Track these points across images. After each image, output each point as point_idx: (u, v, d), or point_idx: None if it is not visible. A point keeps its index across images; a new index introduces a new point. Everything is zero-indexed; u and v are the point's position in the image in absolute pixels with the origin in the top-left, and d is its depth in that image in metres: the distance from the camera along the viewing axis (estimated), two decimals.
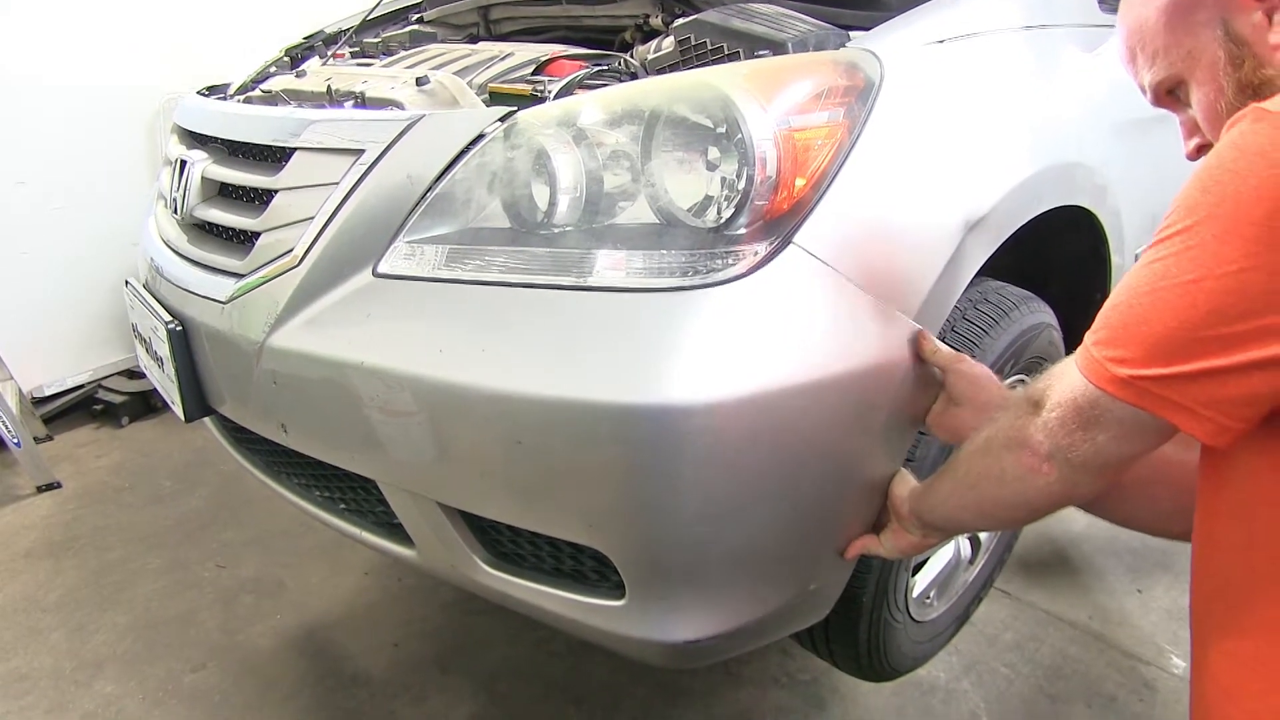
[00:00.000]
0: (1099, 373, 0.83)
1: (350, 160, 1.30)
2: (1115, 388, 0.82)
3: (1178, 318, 0.77)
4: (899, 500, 1.23)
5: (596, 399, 1.03)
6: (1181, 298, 0.76)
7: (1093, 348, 0.85)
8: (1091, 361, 0.84)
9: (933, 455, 1.39)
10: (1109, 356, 0.82)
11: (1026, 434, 0.95)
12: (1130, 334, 0.81)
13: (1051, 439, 0.92)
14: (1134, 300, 0.81)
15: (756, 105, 1.09)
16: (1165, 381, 0.78)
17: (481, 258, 1.20)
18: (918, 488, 1.22)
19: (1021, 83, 1.46)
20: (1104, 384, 0.83)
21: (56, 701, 1.95)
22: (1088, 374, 0.85)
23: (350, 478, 1.39)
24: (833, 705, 1.87)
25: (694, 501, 1.08)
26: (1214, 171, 0.76)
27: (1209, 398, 0.77)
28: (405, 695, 1.93)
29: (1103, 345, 0.83)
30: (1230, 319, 0.74)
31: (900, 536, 1.24)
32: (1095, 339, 0.85)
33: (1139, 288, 0.81)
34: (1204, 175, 0.77)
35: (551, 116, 1.20)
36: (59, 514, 2.73)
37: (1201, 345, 0.76)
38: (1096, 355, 0.84)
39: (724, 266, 1.08)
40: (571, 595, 1.22)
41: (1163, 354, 0.78)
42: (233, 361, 1.42)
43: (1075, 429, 0.89)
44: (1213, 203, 0.75)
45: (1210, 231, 0.75)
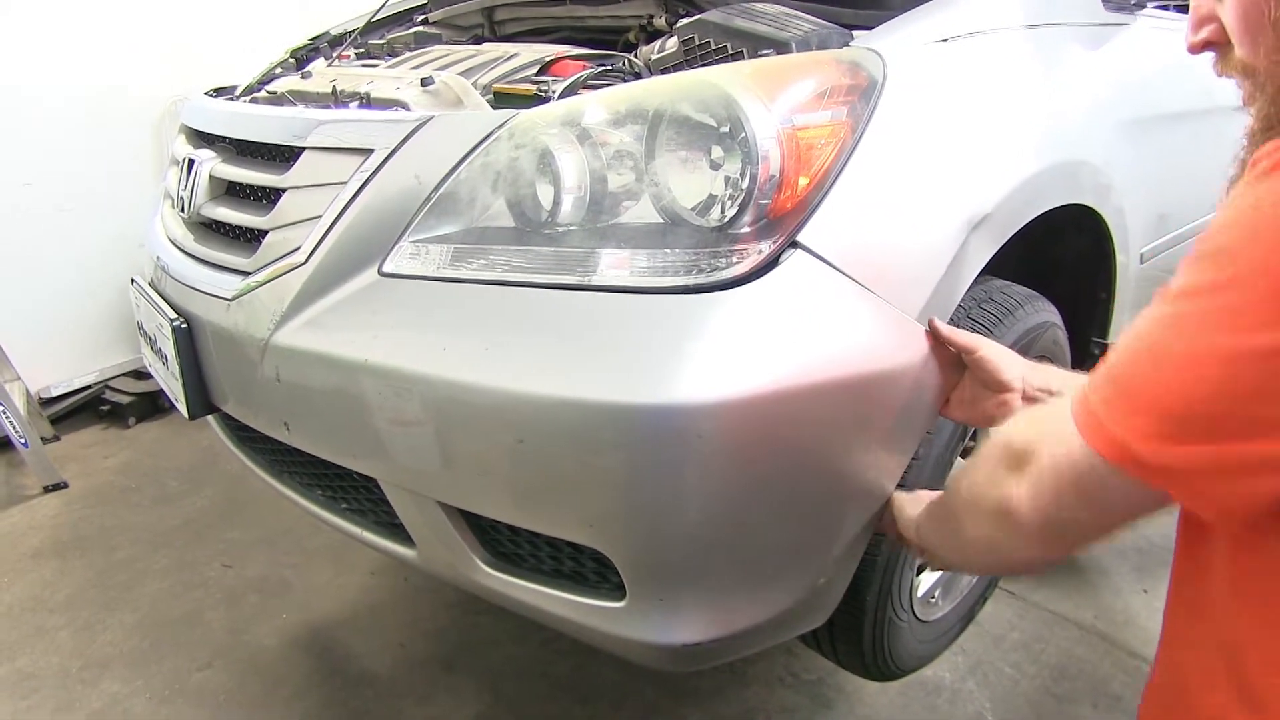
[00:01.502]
0: (1105, 440, 0.71)
1: (358, 160, 1.31)
2: (1124, 460, 0.70)
3: (1211, 388, 0.64)
4: (906, 526, 1.21)
5: (599, 399, 1.03)
6: (1218, 365, 0.64)
7: (1099, 406, 0.72)
8: (1096, 425, 0.72)
9: (935, 455, 1.39)
10: (1120, 422, 0.70)
11: (1011, 505, 0.82)
12: (1149, 399, 0.69)
13: (1041, 513, 0.80)
14: (1155, 358, 0.69)
15: (760, 104, 1.09)
16: (1188, 461, 0.67)
17: (486, 257, 1.20)
18: (921, 516, 1.18)
19: (1025, 81, 1.46)
20: (1111, 454, 0.71)
21: (63, 701, 1.95)
22: (1091, 438, 0.72)
23: (352, 477, 1.39)
24: (838, 704, 1.87)
25: (697, 503, 1.07)
26: (1264, 216, 0.63)
27: (1233, 484, 0.67)
28: (412, 695, 1.93)
29: (1112, 406, 0.71)
30: (1274, 399, 0.62)
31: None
32: (1101, 396, 0.72)
33: (1160, 343, 0.69)
34: (1247, 217, 0.65)
35: (555, 116, 1.21)
36: (66, 514, 2.74)
37: (1237, 424, 0.64)
38: (1103, 417, 0.71)
39: (727, 265, 1.08)
40: (571, 596, 1.22)
41: (1189, 430, 0.66)
42: (237, 359, 1.42)
43: (1070, 503, 0.77)
44: (1259, 257, 0.62)
45: (1255, 290, 0.62)
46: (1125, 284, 1.80)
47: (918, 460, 1.35)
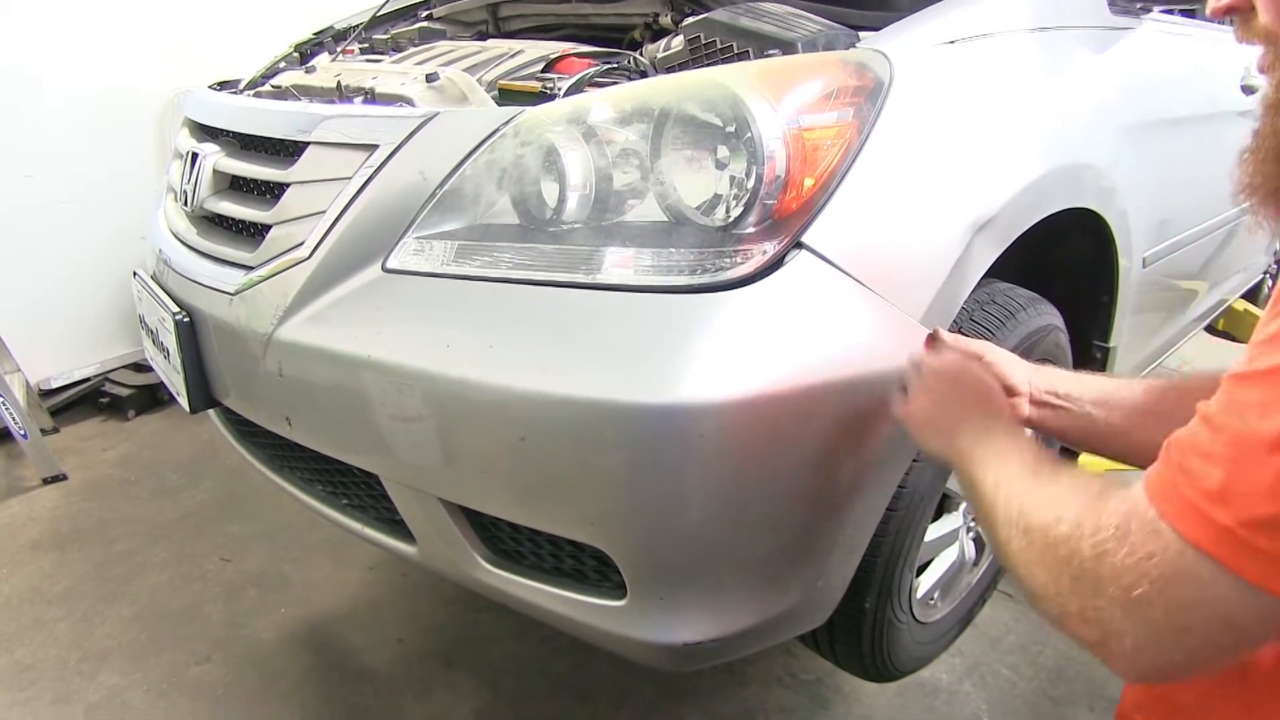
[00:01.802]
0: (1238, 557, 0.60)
1: (364, 155, 1.31)
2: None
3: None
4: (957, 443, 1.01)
5: (601, 397, 1.03)
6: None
7: (1247, 530, 0.59)
8: (1262, 557, 0.59)
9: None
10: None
11: (1109, 645, 0.68)
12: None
13: (1155, 645, 0.66)
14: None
15: (766, 104, 1.09)
16: None
17: (490, 254, 1.20)
18: (983, 458, 0.94)
19: (1031, 84, 1.46)
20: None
21: (61, 693, 1.95)
22: (1256, 574, 0.60)
23: (353, 473, 1.39)
24: (836, 705, 1.87)
25: (698, 503, 1.08)
26: None
27: None
28: (410, 691, 1.93)
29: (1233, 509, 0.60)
30: None
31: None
32: (1240, 513, 0.60)
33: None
34: None
35: (561, 114, 1.21)
36: (65, 506, 2.73)
37: None
38: (1264, 546, 0.59)
39: (732, 265, 1.08)
40: (571, 594, 1.22)
41: None
42: (239, 353, 1.42)
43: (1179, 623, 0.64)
44: None
45: None
46: (1127, 287, 1.80)
47: (918, 462, 1.35)
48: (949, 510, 1.67)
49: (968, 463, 0.95)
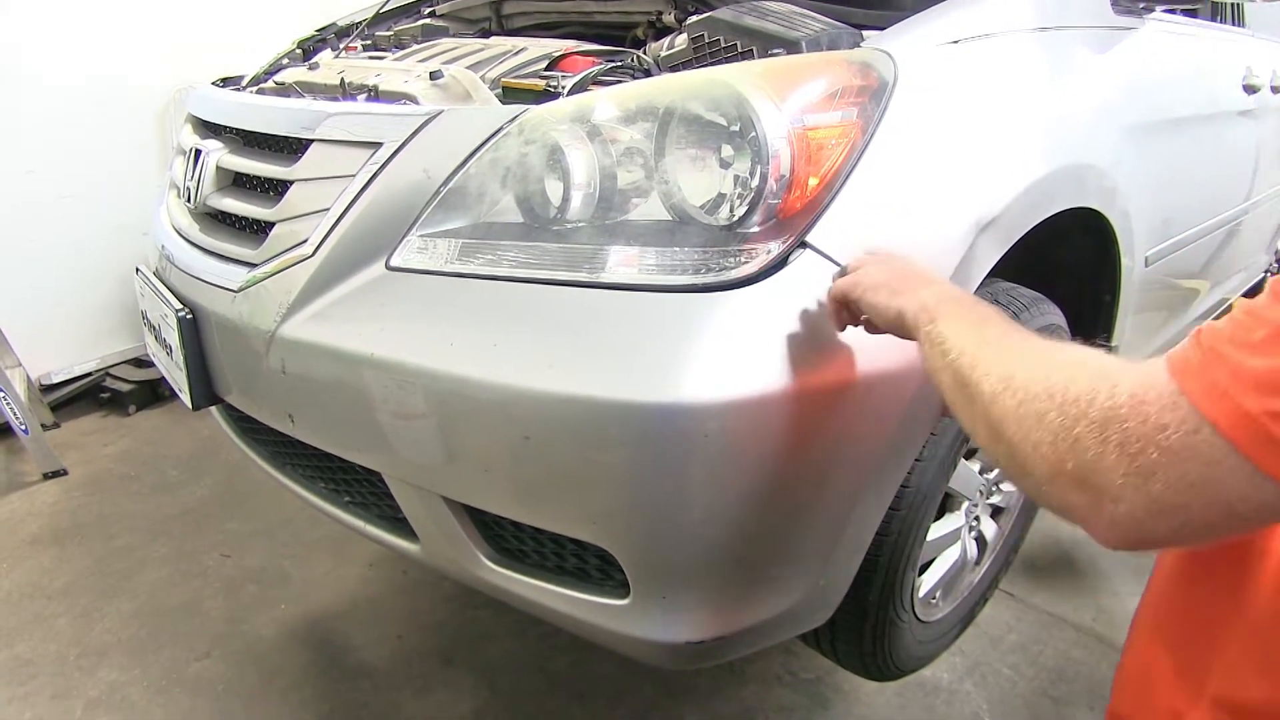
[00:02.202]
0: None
1: (368, 153, 1.30)
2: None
3: None
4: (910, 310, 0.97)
5: (605, 396, 1.03)
6: None
7: (1272, 417, 0.60)
8: (1272, 440, 0.60)
9: (939, 456, 1.39)
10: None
11: (1100, 511, 0.69)
12: None
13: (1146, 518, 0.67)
14: None
15: (771, 103, 1.09)
16: None
17: (494, 252, 1.20)
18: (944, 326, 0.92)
19: (1034, 84, 1.46)
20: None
21: (61, 688, 1.95)
22: (1267, 462, 0.60)
23: (356, 470, 1.39)
24: (836, 704, 1.87)
25: (701, 502, 1.08)
26: None
27: None
28: (410, 687, 1.93)
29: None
30: None
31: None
32: (1272, 401, 0.60)
33: None
34: None
35: (566, 112, 1.20)
36: (65, 501, 2.73)
37: None
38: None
39: (737, 265, 1.08)
40: (574, 593, 1.22)
41: None
42: (242, 350, 1.42)
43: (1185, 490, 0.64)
44: None
45: None
46: (1130, 287, 1.80)
47: (921, 462, 1.35)
48: (951, 509, 1.67)
49: (935, 317, 0.92)
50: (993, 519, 1.87)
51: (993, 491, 1.77)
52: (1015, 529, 1.95)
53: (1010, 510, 1.90)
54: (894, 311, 0.98)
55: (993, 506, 1.85)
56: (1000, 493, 1.80)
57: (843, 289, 1.06)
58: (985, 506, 1.80)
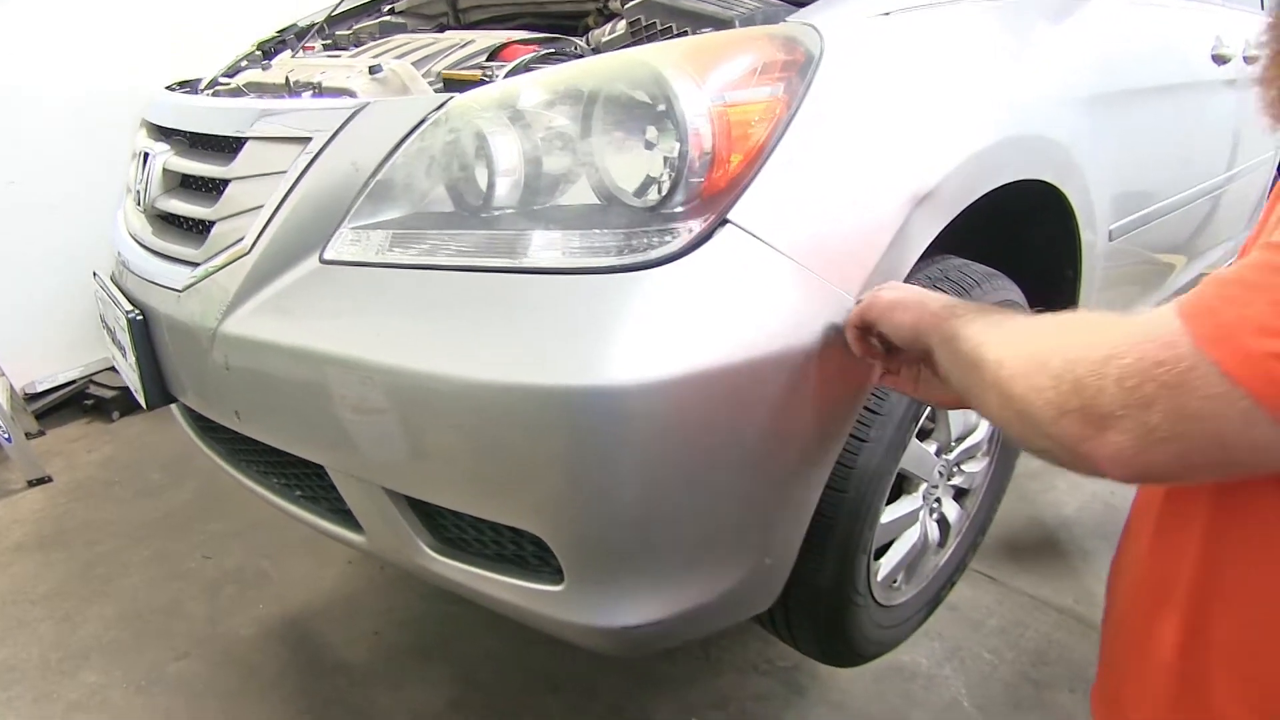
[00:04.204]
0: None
1: (299, 149, 1.31)
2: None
3: None
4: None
5: (526, 381, 1.03)
6: None
7: (1272, 358, 0.63)
8: (1270, 378, 0.63)
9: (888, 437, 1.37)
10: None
11: (1100, 439, 0.71)
12: None
13: (1143, 448, 0.69)
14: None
15: (690, 82, 1.08)
16: None
17: (424, 242, 1.20)
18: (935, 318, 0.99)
19: (975, 54, 1.44)
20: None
21: (43, 691, 1.97)
22: (1269, 400, 0.63)
23: (302, 464, 1.39)
24: (811, 691, 1.86)
25: (629, 484, 1.07)
26: None
27: None
28: (385, 683, 1.93)
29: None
30: None
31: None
32: (1272, 342, 0.63)
33: None
34: None
35: (490, 99, 1.20)
36: (49, 508, 2.75)
37: None
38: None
39: (659, 244, 1.08)
40: (513, 580, 1.22)
41: None
42: (189, 349, 1.42)
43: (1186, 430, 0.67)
44: None
45: None
46: (1092, 262, 1.78)
47: (869, 443, 1.34)
48: (908, 491, 1.65)
49: (946, 319, 0.96)
50: (956, 501, 1.84)
51: (954, 473, 1.74)
52: (981, 511, 1.93)
53: (975, 492, 1.87)
54: (908, 325, 1.02)
55: (955, 488, 1.82)
56: (962, 474, 1.78)
57: (859, 313, 1.11)
58: (947, 488, 1.78)
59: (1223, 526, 0.81)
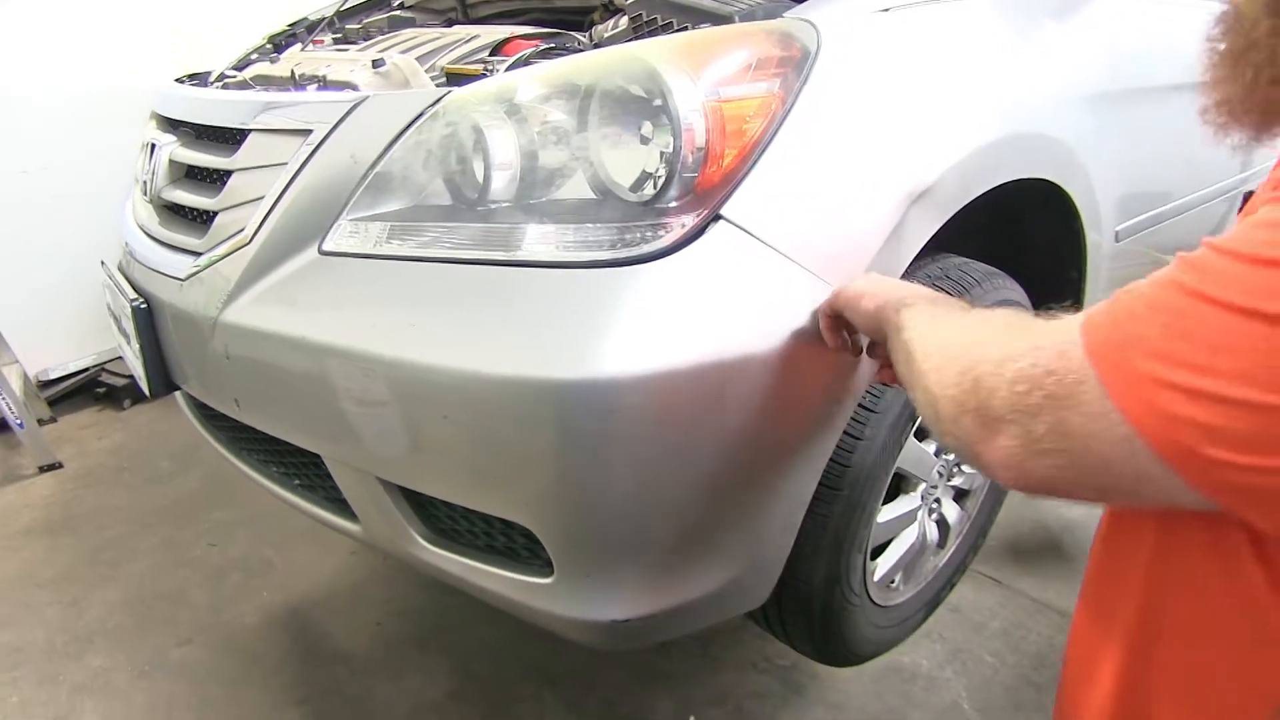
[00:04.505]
0: (1167, 437, 0.60)
1: (300, 141, 1.32)
2: (1189, 467, 0.61)
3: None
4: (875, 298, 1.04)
5: (517, 374, 1.03)
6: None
7: (1158, 385, 0.61)
8: (1156, 412, 0.61)
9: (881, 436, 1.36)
10: (1196, 423, 0.59)
11: (991, 442, 0.72)
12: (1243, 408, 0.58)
13: (1027, 456, 0.69)
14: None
15: (685, 77, 1.08)
16: (1274, 476, 0.58)
17: (422, 234, 1.21)
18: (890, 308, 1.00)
19: (975, 51, 1.43)
20: (1171, 453, 0.61)
21: (48, 674, 1.99)
22: (1146, 426, 0.61)
23: (300, 453, 1.40)
24: (810, 690, 1.85)
25: (618, 478, 1.07)
26: None
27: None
28: (384, 673, 1.94)
29: (1190, 400, 0.59)
30: None
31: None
32: (1162, 369, 0.61)
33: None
34: None
35: (487, 93, 1.20)
36: (59, 493, 2.78)
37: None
38: (1171, 405, 0.60)
39: (652, 239, 1.08)
40: (504, 572, 1.23)
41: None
42: (191, 337, 1.44)
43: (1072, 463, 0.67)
44: None
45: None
46: (1097, 262, 1.77)
47: (864, 441, 1.34)
48: (906, 491, 1.65)
49: (900, 308, 0.97)
50: (956, 502, 1.84)
51: (954, 474, 1.74)
52: (982, 512, 1.92)
53: (975, 493, 1.86)
54: (870, 313, 1.03)
55: (955, 489, 1.82)
56: (963, 474, 1.77)
57: (829, 303, 1.11)
58: (946, 489, 1.77)
59: (1167, 557, 0.78)
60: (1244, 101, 0.78)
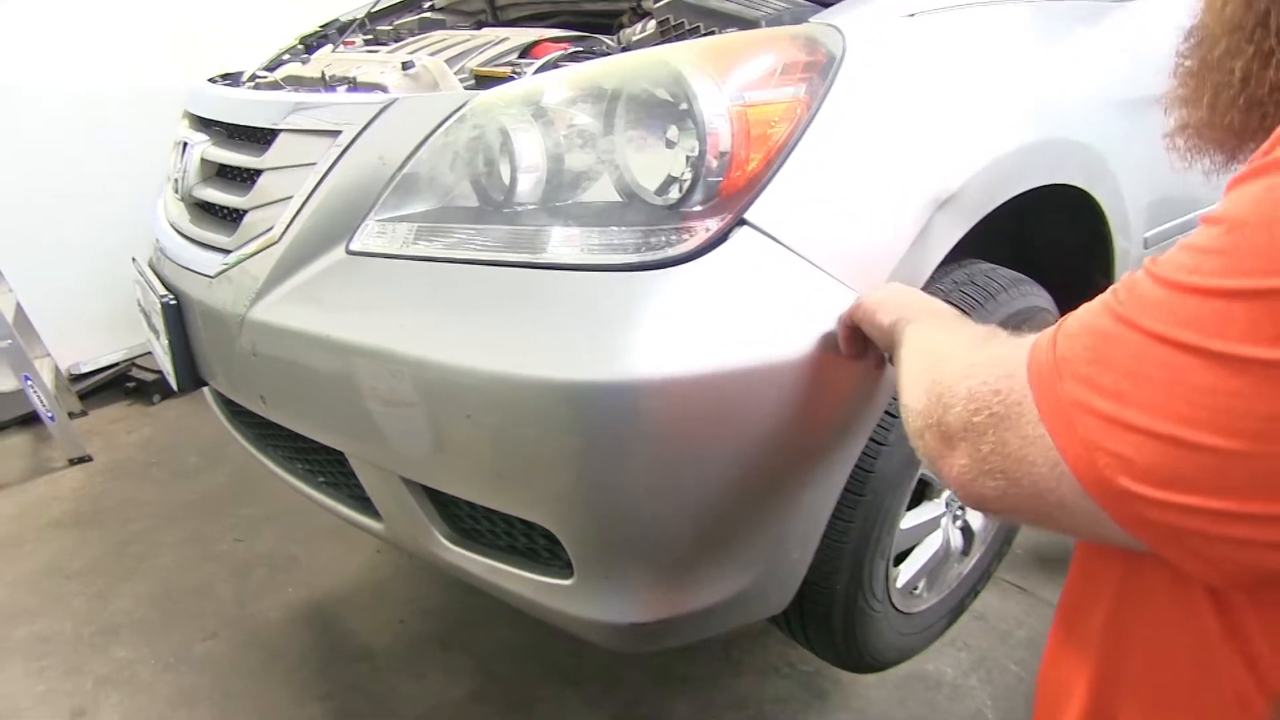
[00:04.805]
0: (1087, 466, 0.59)
1: (329, 141, 1.33)
2: (1107, 499, 0.58)
3: (1237, 435, 0.52)
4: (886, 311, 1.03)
5: (539, 375, 1.04)
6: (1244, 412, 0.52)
7: (1081, 410, 0.59)
8: (1077, 439, 0.59)
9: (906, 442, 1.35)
10: (1111, 452, 0.57)
11: (948, 459, 0.71)
12: (1158, 441, 0.55)
13: (975, 475, 0.68)
14: (1170, 376, 0.55)
15: (710, 81, 1.09)
16: (1190, 516, 0.55)
17: (448, 236, 1.21)
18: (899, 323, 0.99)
19: (1002, 57, 1.42)
20: (1090, 483, 0.59)
21: (74, 665, 2.02)
22: (1069, 453, 0.60)
23: (324, 451, 1.41)
24: (833, 696, 1.85)
25: (639, 482, 1.08)
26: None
27: (1237, 553, 0.56)
28: (407, 671, 1.96)
29: (1106, 428, 0.57)
30: None
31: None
32: (1085, 394, 0.59)
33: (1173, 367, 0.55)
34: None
35: (514, 96, 1.21)
36: (88, 486, 2.82)
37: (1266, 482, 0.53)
38: (1090, 433, 0.58)
39: (676, 243, 1.08)
40: (525, 573, 1.23)
41: (1208, 483, 0.54)
42: (218, 334, 1.45)
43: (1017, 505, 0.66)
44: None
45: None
46: (1126, 269, 1.74)
47: (887, 447, 1.33)
48: (930, 497, 1.64)
49: (909, 323, 0.96)
50: None
51: None
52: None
53: None
54: (885, 328, 1.01)
55: None
56: None
57: (848, 312, 1.10)
58: None
59: (1131, 589, 0.75)
60: (1209, 125, 0.74)
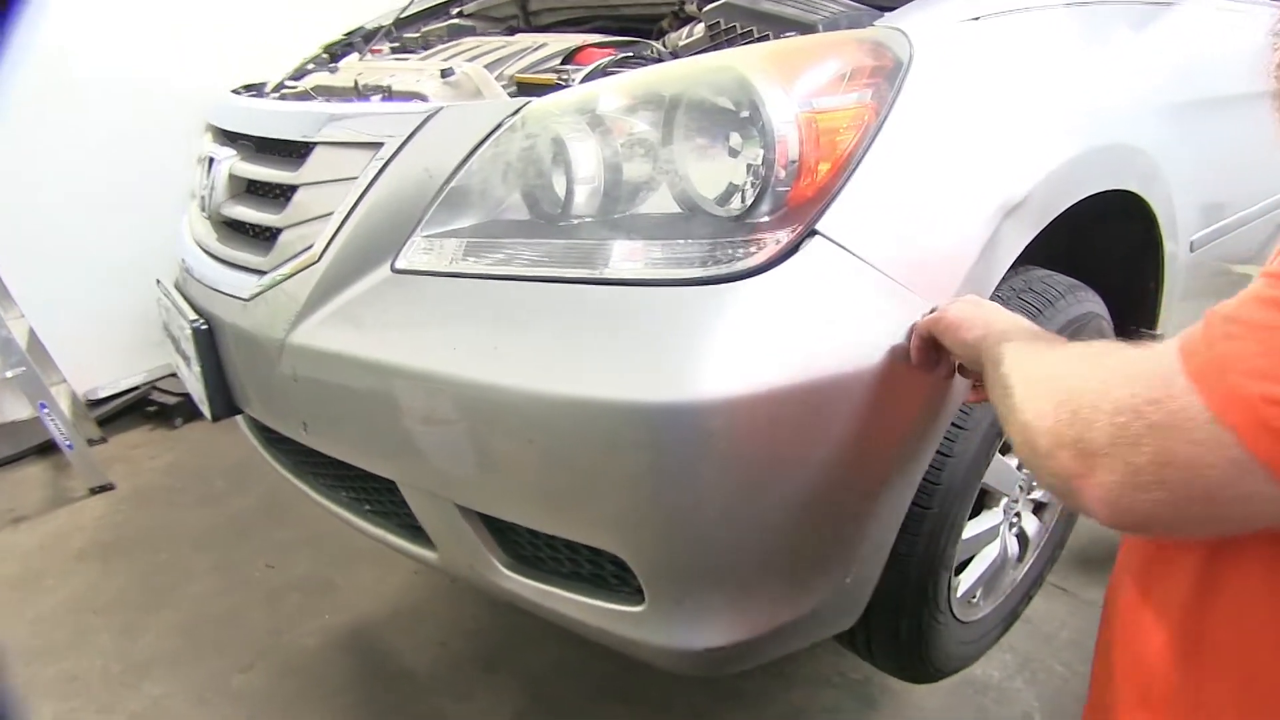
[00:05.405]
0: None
1: (370, 154, 1.28)
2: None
3: None
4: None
5: (608, 397, 1.00)
6: None
7: (1266, 403, 0.58)
8: (1269, 432, 0.58)
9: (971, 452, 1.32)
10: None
11: (1089, 478, 0.68)
12: None
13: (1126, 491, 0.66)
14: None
15: (778, 88, 1.05)
16: None
17: (500, 251, 1.17)
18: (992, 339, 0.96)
19: (1063, 61, 1.40)
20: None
21: (105, 703, 1.97)
22: (1258, 444, 0.59)
23: (371, 478, 1.37)
24: (884, 704, 1.83)
25: (712, 503, 1.04)
26: None
27: None
28: (451, 693, 1.92)
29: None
30: None
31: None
32: (1268, 387, 0.58)
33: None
34: None
35: (568, 104, 1.17)
36: (111, 515, 2.77)
37: None
38: (1274, 421, 0.58)
39: (745, 256, 1.04)
40: (590, 600, 1.19)
41: None
42: (255, 359, 1.41)
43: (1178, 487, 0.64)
44: None
45: None
46: (1174, 273, 1.72)
47: (954, 458, 1.30)
48: (989, 506, 1.61)
49: (999, 341, 0.93)
50: (1035, 515, 1.79)
51: (1034, 487, 1.70)
52: (1059, 525, 1.87)
53: (1053, 505, 1.82)
54: (971, 343, 0.99)
55: (1034, 502, 1.77)
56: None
57: (926, 325, 1.07)
58: (1026, 502, 1.73)
59: (1215, 589, 0.75)
60: None
